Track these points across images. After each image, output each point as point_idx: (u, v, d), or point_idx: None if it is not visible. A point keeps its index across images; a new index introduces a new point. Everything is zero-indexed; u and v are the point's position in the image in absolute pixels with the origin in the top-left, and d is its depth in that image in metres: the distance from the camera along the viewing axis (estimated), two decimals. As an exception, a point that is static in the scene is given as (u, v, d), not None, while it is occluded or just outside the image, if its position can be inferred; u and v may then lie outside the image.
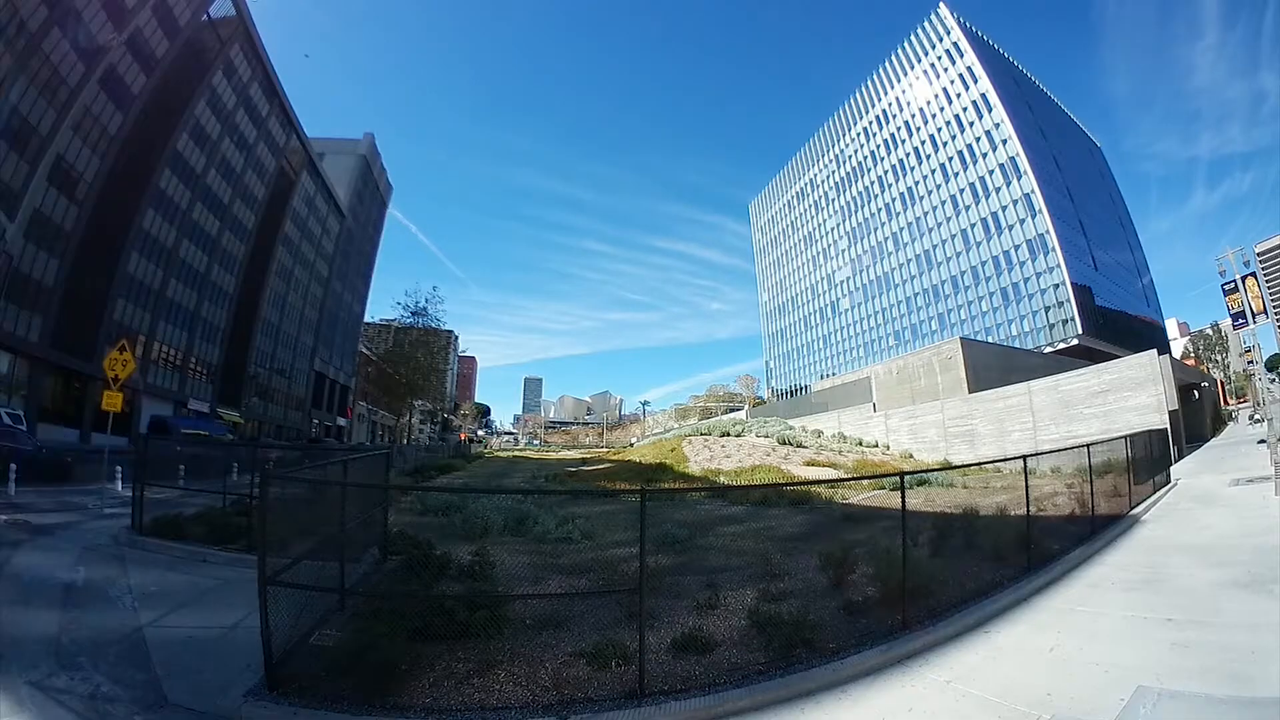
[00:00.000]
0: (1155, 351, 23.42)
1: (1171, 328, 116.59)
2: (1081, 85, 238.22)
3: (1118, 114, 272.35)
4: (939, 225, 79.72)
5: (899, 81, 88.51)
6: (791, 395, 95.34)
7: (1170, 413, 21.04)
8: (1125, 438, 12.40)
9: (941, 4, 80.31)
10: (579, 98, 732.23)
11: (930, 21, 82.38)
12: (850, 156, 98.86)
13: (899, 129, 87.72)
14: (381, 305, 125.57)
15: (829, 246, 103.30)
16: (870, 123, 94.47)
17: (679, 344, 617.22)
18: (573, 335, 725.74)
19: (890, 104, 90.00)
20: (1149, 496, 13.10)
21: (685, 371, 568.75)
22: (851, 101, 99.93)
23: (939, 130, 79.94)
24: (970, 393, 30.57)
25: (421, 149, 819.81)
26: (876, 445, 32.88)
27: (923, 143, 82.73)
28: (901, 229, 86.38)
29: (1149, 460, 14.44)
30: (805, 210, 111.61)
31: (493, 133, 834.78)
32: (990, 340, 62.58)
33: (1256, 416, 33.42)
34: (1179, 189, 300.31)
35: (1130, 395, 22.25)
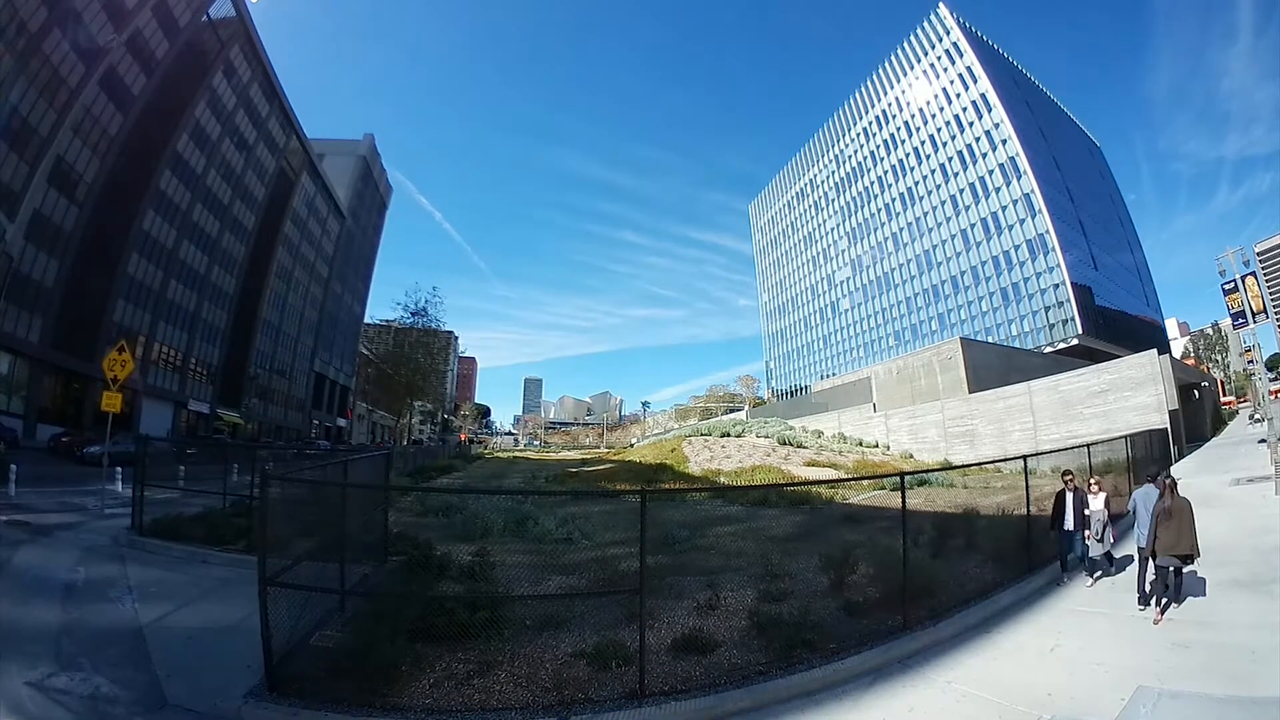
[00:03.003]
0: (1155, 351, 23.42)
1: (1171, 327, 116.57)
2: (1085, 86, 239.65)
3: (1155, 114, 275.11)
4: (939, 225, 79.70)
5: (899, 82, 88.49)
6: (792, 395, 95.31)
7: (1170, 412, 21.04)
8: (1125, 438, 12.41)
9: (941, 4, 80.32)
10: (626, 74, 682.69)
11: (930, 21, 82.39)
12: (850, 157, 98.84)
13: (899, 129, 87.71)
14: (383, 305, 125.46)
15: (829, 247, 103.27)
16: (870, 123, 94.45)
17: (699, 341, 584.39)
18: (594, 332, 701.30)
19: (890, 104, 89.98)
20: (1149, 496, 13.08)
21: (699, 370, 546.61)
22: (851, 101, 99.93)
23: (939, 130, 79.92)
24: (970, 393, 30.55)
25: (454, 132, 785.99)
26: (877, 445, 32.88)
27: (922, 143, 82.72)
28: (901, 229, 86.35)
29: (1149, 460, 14.43)
30: (805, 211, 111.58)
31: (535, 112, 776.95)
32: (990, 340, 62.55)
33: (1256, 416, 33.43)
34: (1205, 188, 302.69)
35: (1130, 395, 22.25)
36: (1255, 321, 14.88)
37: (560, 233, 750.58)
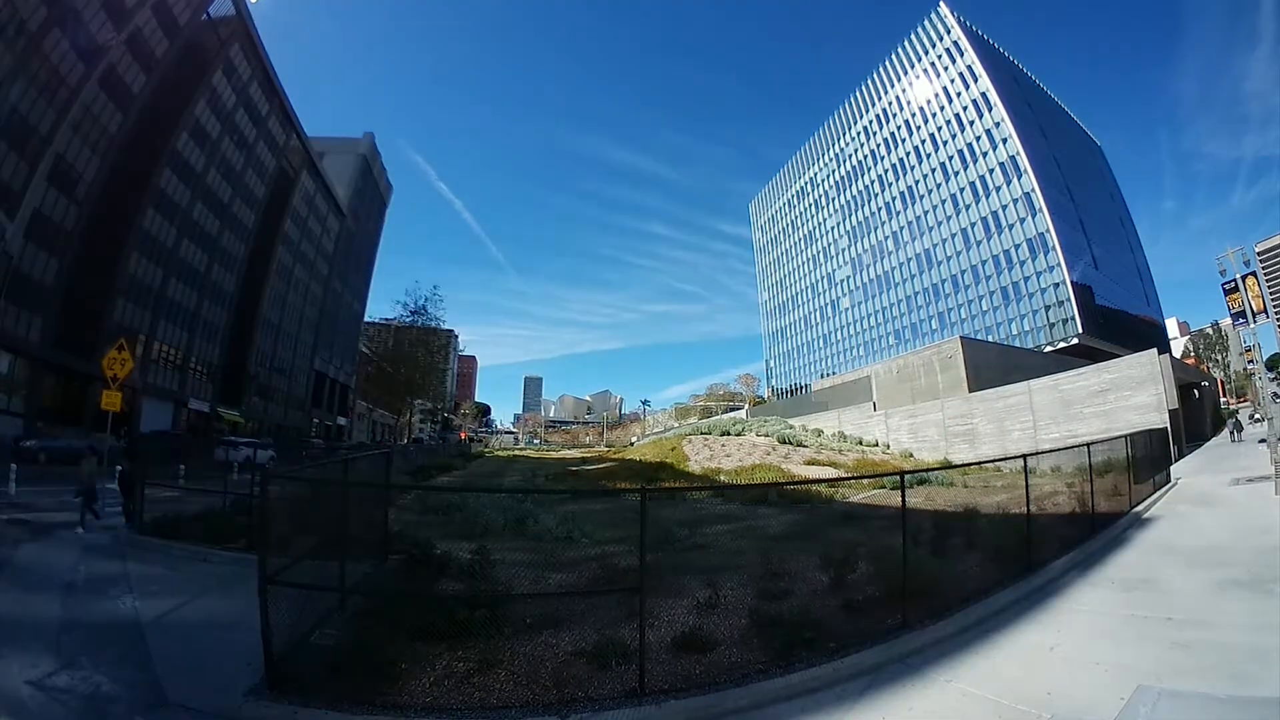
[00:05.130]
0: (1155, 351, 23.40)
1: (1172, 327, 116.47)
2: (1082, 84, 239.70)
3: (1181, 114, 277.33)
4: (939, 224, 79.65)
5: (899, 80, 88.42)
6: (791, 394, 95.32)
7: (1170, 412, 21.03)
8: (1125, 437, 12.40)
9: (942, 3, 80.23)
10: (661, 56, 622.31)
11: (930, 20, 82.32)
12: (850, 155, 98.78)
13: (899, 128, 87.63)
14: (387, 301, 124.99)
15: (829, 245, 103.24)
16: (870, 121, 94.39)
17: (715, 338, 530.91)
18: (610, 329, 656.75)
19: (890, 103, 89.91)
20: (1149, 496, 13.09)
21: (712, 368, 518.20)
22: (852, 100, 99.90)
23: (939, 129, 79.85)
24: (970, 392, 30.55)
25: (479, 117, 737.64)
26: (877, 444, 32.87)
27: (923, 141, 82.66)
28: (901, 228, 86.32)
29: (1149, 459, 14.42)
30: (805, 209, 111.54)
31: (567, 95, 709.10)
32: (990, 339, 62.53)
33: (1256, 416, 33.42)
34: (1222, 189, 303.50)
35: (1130, 394, 22.23)
36: (1255, 321, 14.86)
37: (586, 225, 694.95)
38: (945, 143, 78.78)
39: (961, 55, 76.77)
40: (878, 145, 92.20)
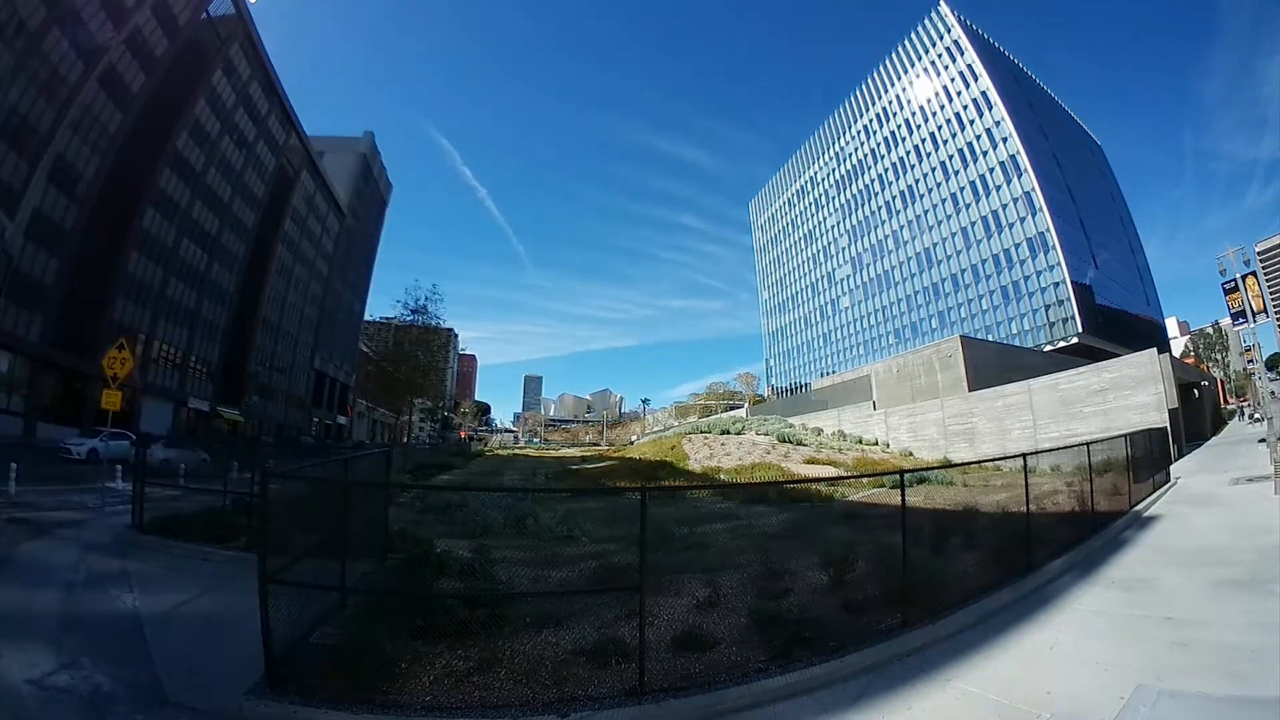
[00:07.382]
0: (1155, 350, 23.40)
1: (1172, 326, 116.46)
2: (1092, 84, 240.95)
3: (1204, 114, 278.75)
4: (939, 223, 79.63)
5: (899, 79, 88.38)
6: (791, 393, 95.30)
7: (1170, 411, 21.03)
8: (1125, 436, 12.40)
9: (942, 2, 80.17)
10: (704, 39, 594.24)
11: (931, 19, 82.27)
12: (850, 154, 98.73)
13: (899, 127, 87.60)
14: (388, 300, 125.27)
15: (829, 244, 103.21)
16: (870, 120, 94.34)
17: (732, 335, 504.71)
18: (625, 325, 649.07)
19: (890, 101, 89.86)
20: (1149, 495, 13.09)
21: (725, 366, 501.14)
22: (852, 99, 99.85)
23: (939, 128, 79.81)
24: (970, 391, 30.55)
25: (508, 98, 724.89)
26: (876, 443, 32.87)
27: (923, 140, 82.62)
28: (901, 227, 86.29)
29: (1149, 459, 14.42)
30: (805, 208, 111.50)
31: (606, 78, 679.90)
32: (990, 339, 62.52)
33: (1256, 415, 33.44)
34: (1239, 187, 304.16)
35: (1130, 394, 22.24)
36: (1255, 321, 14.86)
37: (610, 216, 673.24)
38: (945, 142, 78.74)
39: (962, 54, 76.72)
40: (878, 144, 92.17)
